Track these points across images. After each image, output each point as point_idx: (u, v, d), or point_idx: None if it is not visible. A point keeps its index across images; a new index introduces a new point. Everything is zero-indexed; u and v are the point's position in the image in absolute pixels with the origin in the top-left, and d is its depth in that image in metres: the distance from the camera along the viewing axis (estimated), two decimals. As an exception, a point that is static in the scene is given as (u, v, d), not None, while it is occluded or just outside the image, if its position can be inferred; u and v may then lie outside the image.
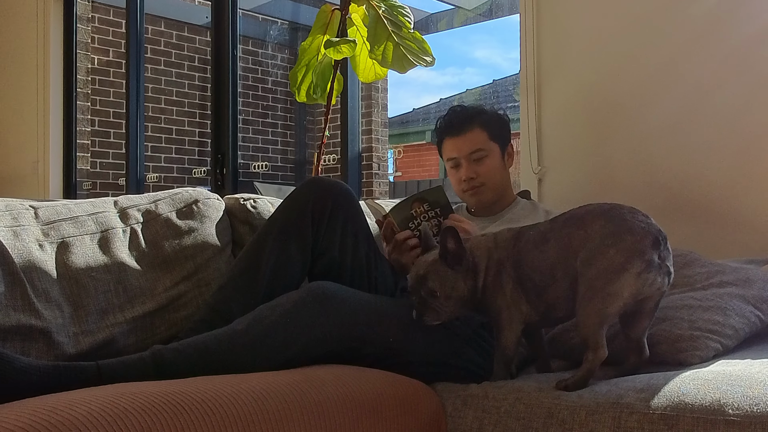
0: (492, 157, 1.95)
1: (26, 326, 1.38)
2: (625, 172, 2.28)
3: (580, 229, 1.28)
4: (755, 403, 1.02)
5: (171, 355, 1.26)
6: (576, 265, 1.25)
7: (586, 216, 1.30)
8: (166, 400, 0.97)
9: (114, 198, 1.74)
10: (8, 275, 1.41)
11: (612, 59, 2.32)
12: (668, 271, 1.25)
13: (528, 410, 1.20)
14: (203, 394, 1.01)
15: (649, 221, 1.26)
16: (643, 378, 1.18)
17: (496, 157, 1.96)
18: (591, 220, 1.28)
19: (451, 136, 1.97)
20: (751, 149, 2.06)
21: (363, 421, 1.14)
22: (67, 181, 4.43)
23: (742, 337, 1.41)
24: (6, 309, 1.37)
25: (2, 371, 1.08)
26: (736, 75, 2.09)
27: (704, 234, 2.10)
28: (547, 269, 1.30)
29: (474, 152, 1.93)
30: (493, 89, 10.89)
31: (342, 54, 2.27)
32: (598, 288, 1.21)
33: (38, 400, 0.98)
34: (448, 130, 1.98)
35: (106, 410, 0.92)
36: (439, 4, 6.63)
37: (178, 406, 0.97)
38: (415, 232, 1.70)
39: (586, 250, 1.25)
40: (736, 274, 1.58)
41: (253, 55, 6.77)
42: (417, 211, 1.72)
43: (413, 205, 1.72)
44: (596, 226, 1.26)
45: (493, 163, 1.95)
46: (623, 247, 1.21)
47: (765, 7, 2.04)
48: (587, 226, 1.27)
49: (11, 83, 4.74)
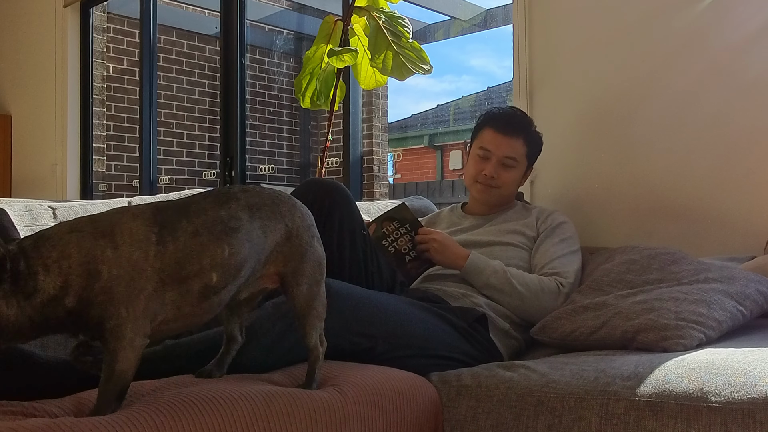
0: (518, 170, 1.96)
1: (45, 320, 1.38)
2: (613, 174, 2.28)
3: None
4: (736, 390, 1.02)
5: (181, 351, 1.25)
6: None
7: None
8: (177, 399, 0.97)
9: (128, 199, 1.74)
10: (28, 271, 1.41)
11: (600, 68, 2.32)
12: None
13: (519, 399, 1.20)
14: (213, 392, 1.01)
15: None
16: (630, 366, 1.18)
17: (521, 172, 1.98)
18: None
19: (498, 131, 1.94)
20: (732, 153, 2.06)
21: (365, 413, 1.14)
22: (83, 182, 4.43)
23: (724, 330, 1.41)
24: (26, 303, 1.37)
25: (24, 366, 1.08)
26: (717, 83, 2.09)
27: (688, 232, 2.10)
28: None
29: (509, 158, 1.93)
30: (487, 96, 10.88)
31: (344, 62, 2.27)
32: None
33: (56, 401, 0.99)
34: (499, 123, 1.95)
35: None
36: (436, 15, 6.63)
37: (189, 404, 0.97)
38: (390, 249, 1.75)
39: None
40: (720, 272, 1.59)
41: (260, 63, 6.77)
42: (388, 230, 1.77)
43: (383, 224, 1.76)
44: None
45: (516, 175, 1.96)
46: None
47: (744, 20, 2.04)
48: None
49: (31, 90, 4.74)
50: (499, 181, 1.94)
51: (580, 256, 1.88)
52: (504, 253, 1.84)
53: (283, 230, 1.08)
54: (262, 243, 1.05)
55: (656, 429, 1.04)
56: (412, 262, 1.77)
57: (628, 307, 1.47)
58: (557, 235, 1.87)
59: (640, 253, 1.77)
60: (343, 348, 1.34)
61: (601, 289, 1.65)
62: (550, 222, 1.90)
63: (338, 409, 1.11)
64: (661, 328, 1.36)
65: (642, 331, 1.37)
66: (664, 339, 1.34)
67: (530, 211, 1.99)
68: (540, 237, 1.88)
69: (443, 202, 5.22)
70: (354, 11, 2.35)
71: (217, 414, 0.97)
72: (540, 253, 1.85)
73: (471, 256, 1.76)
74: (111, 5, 5.45)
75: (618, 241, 2.13)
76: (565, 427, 1.12)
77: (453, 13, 6.50)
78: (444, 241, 1.78)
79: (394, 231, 1.76)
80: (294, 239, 1.09)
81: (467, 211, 2.05)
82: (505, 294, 1.71)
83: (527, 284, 1.72)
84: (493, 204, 1.99)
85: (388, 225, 1.77)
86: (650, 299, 1.48)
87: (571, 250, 1.85)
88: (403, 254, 1.76)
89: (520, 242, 1.87)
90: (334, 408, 1.11)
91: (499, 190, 1.95)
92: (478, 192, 1.98)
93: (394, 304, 1.48)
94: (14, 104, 4.95)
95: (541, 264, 1.82)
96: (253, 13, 6.20)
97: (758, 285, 1.56)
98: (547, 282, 1.74)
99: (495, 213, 1.99)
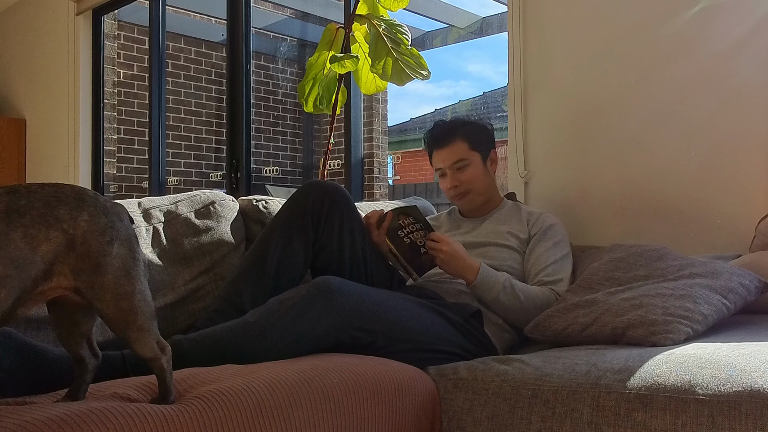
0: (474, 165, 1.94)
1: (58, 315, 1.38)
2: (603, 175, 2.28)
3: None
4: (723, 383, 1.02)
5: (189, 346, 1.26)
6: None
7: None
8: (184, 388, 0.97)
9: (138, 199, 1.74)
10: (42, 269, 1.40)
11: (591, 74, 2.32)
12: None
13: (514, 391, 1.19)
14: (219, 382, 1.01)
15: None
16: (621, 360, 1.18)
17: (478, 165, 1.95)
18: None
19: (436, 148, 1.97)
20: (717, 156, 2.06)
21: (364, 403, 1.14)
22: (95, 183, 4.43)
23: (710, 323, 1.41)
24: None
25: (37, 361, 1.07)
26: (703, 89, 2.09)
27: (675, 232, 2.10)
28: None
29: (456, 162, 1.93)
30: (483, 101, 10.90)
31: (346, 68, 2.27)
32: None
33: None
34: (434, 142, 1.99)
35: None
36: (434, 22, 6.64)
37: (196, 395, 0.97)
38: (405, 239, 1.74)
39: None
40: (704, 267, 1.59)
41: (265, 69, 6.77)
42: (404, 222, 1.76)
43: (399, 216, 1.76)
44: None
45: (476, 170, 1.94)
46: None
47: (728, 30, 2.05)
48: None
49: (45, 95, 4.74)
50: (464, 185, 1.94)
51: (571, 258, 1.88)
52: (499, 254, 1.84)
53: (60, 238, 0.84)
54: (26, 256, 0.82)
55: (646, 421, 1.04)
56: (426, 254, 1.75)
57: (617, 303, 1.46)
58: (549, 238, 1.86)
59: (626, 251, 1.77)
60: (344, 342, 1.35)
61: (590, 287, 1.65)
62: (541, 224, 1.90)
63: (339, 398, 1.11)
64: (649, 323, 1.35)
65: (631, 327, 1.37)
66: (652, 334, 1.33)
67: (521, 211, 1.98)
68: (533, 240, 1.87)
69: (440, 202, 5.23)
70: (355, 19, 2.35)
71: (222, 406, 0.97)
72: (534, 257, 1.84)
73: (481, 270, 1.70)
74: (122, 13, 5.45)
75: (608, 240, 2.13)
76: (558, 419, 1.12)
77: (450, 21, 6.50)
78: (453, 253, 1.71)
79: (410, 224, 1.75)
80: (79, 248, 0.85)
81: (463, 214, 2.06)
82: (512, 311, 1.69)
83: (532, 298, 1.69)
84: (477, 204, 1.99)
85: (404, 218, 1.76)
86: (638, 295, 1.47)
87: (563, 254, 1.85)
88: (419, 246, 1.74)
89: (513, 244, 1.86)
90: (336, 396, 1.11)
91: (471, 192, 1.95)
92: (458, 203, 2.00)
93: (393, 301, 1.48)
94: (29, 108, 4.95)
95: (535, 270, 1.81)
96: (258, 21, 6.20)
97: (741, 278, 1.56)
98: (547, 294, 1.72)
99: (487, 213, 1.99)
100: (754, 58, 2.00)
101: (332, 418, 1.08)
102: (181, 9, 6.11)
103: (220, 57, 6.35)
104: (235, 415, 0.97)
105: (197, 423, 0.92)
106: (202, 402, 0.95)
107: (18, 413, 0.83)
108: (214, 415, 0.95)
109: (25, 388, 1.03)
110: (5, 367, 1.03)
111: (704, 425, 0.99)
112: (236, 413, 0.97)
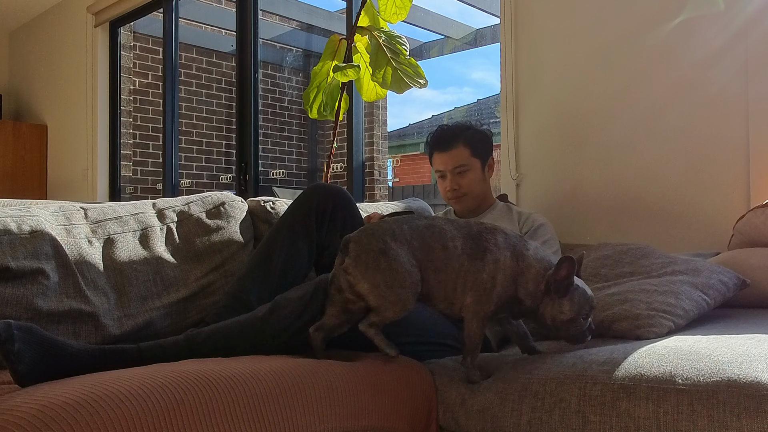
0: (473, 170, 1.94)
1: (77, 311, 1.39)
2: (590, 178, 2.28)
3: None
4: (702, 374, 1.02)
5: (201, 339, 1.26)
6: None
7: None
8: (196, 377, 0.97)
9: (152, 200, 1.74)
10: (62, 267, 1.41)
11: (579, 81, 2.32)
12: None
13: (505, 385, 1.19)
14: (228, 372, 1.01)
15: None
16: (606, 352, 1.18)
17: (477, 171, 1.95)
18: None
19: (438, 151, 1.96)
20: (698, 159, 2.06)
21: (365, 394, 1.14)
22: (112, 185, 4.44)
23: (691, 318, 1.41)
24: (60, 296, 1.38)
25: (57, 355, 1.08)
26: (684, 95, 2.09)
27: (658, 231, 2.10)
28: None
29: (457, 167, 1.92)
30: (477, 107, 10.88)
31: (348, 77, 2.27)
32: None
33: (86, 377, 0.99)
34: (437, 145, 1.97)
35: (145, 384, 0.93)
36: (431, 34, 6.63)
37: (206, 382, 0.97)
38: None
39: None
40: (686, 265, 1.59)
41: (272, 78, 6.77)
42: None
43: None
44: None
45: (475, 176, 1.94)
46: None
47: (708, 40, 2.04)
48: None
49: (64, 102, 4.75)
50: (462, 189, 1.93)
51: (560, 255, 1.87)
52: None
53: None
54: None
55: (629, 409, 1.04)
56: None
57: (604, 299, 1.46)
58: (540, 236, 1.86)
59: (612, 249, 1.77)
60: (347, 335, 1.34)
61: (579, 283, 1.65)
62: (531, 223, 1.90)
63: (340, 388, 1.11)
64: (634, 317, 1.35)
65: (617, 321, 1.37)
66: (637, 327, 1.33)
67: (512, 212, 1.98)
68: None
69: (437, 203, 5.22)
70: (357, 31, 2.35)
71: (229, 392, 0.97)
72: None
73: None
74: (137, 25, 5.44)
75: (595, 238, 2.13)
76: (548, 409, 1.12)
77: (446, 32, 6.49)
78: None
79: None
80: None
81: (457, 215, 2.05)
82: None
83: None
84: (471, 207, 1.99)
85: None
86: (623, 291, 1.47)
87: (552, 252, 1.85)
88: None
89: None
90: (337, 386, 1.11)
91: (467, 195, 1.95)
92: (453, 204, 2.00)
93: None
94: (49, 115, 4.95)
95: None
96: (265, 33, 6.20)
97: (720, 275, 1.55)
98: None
99: (480, 214, 1.99)
100: (731, 67, 2.00)
101: (334, 406, 1.08)
102: (193, 21, 6.11)
103: (229, 66, 6.35)
104: (243, 400, 0.97)
105: (205, 409, 0.92)
106: (209, 388, 0.96)
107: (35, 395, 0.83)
108: (221, 401, 0.95)
109: (45, 381, 1.03)
110: (27, 361, 1.03)
111: (684, 413, 0.99)
112: (244, 399, 0.97)
